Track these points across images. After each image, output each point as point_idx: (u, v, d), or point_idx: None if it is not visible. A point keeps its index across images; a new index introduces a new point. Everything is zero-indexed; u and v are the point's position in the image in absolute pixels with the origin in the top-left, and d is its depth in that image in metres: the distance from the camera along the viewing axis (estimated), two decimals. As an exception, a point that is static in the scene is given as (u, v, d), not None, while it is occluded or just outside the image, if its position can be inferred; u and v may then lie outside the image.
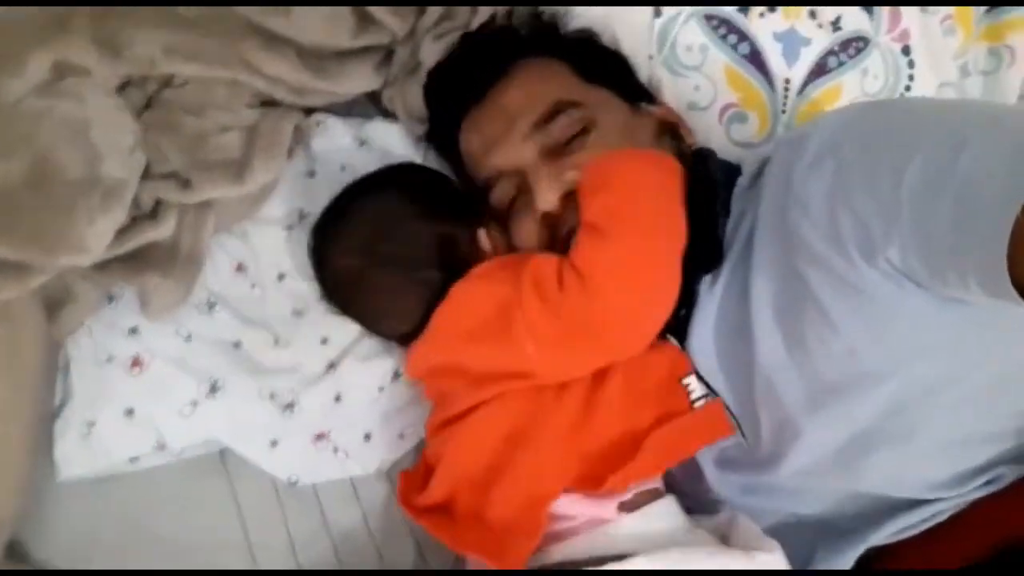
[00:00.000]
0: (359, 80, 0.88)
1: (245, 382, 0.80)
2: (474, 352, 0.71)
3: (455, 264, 0.74)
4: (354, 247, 0.75)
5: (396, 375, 0.85)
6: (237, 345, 0.81)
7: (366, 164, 0.85)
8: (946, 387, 0.62)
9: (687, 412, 0.70)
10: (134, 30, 0.78)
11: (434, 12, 0.84)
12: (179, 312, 0.78)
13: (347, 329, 0.83)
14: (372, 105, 0.93)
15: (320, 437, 0.83)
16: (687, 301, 0.72)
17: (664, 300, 0.69)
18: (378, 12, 0.82)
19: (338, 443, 0.84)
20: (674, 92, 0.91)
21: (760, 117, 0.92)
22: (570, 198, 0.71)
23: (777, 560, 0.65)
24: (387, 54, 0.89)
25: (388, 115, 0.91)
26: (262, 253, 0.83)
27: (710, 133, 0.91)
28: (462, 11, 0.86)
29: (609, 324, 0.67)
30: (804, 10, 0.89)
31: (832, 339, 0.62)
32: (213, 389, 0.79)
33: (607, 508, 0.67)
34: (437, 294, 0.73)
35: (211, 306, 0.81)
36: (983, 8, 0.93)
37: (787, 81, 0.90)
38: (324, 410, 0.83)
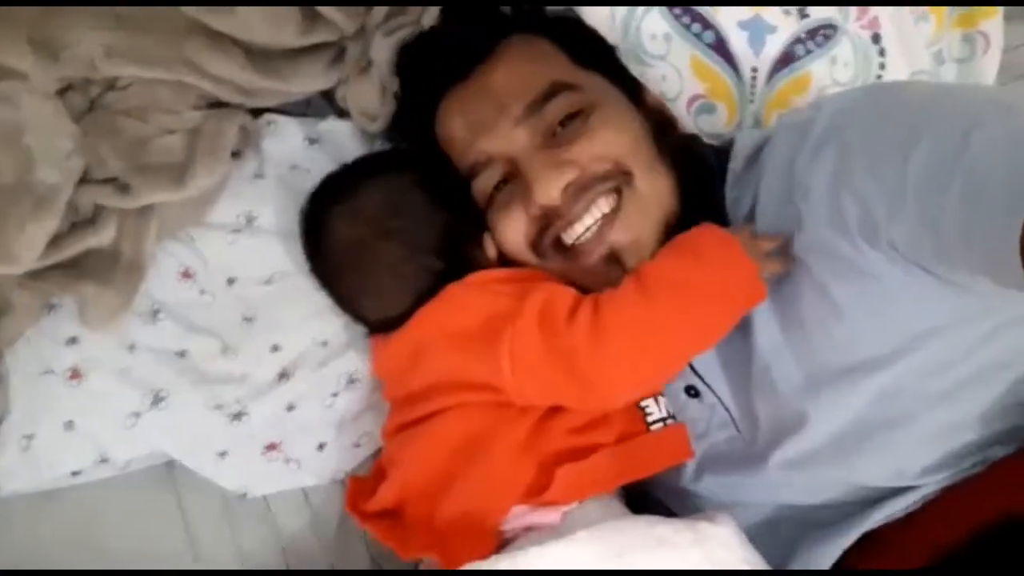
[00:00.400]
0: (310, 79, 0.85)
1: (191, 393, 0.78)
2: (450, 357, 0.69)
3: (457, 259, 0.72)
4: (363, 216, 0.72)
5: (351, 381, 0.82)
6: (183, 354, 0.79)
7: (317, 163, 0.83)
8: (944, 371, 0.61)
9: (643, 434, 0.68)
10: (73, 31, 0.75)
11: (382, 8, 0.82)
12: (121, 321, 0.76)
13: (299, 336, 0.81)
14: (328, 104, 0.90)
15: (271, 447, 0.81)
16: None
17: (656, 384, 0.70)
18: (325, 10, 0.79)
19: (290, 453, 0.81)
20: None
21: (728, 107, 0.90)
22: (570, 190, 0.67)
23: (727, 533, 0.63)
24: (340, 52, 0.86)
25: (343, 114, 0.88)
26: (210, 258, 0.81)
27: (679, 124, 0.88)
28: (413, 8, 0.83)
29: (600, 378, 0.64)
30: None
31: (834, 324, 0.61)
32: (156, 400, 0.77)
33: (552, 517, 0.64)
34: (431, 285, 0.71)
35: (155, 314, 0.78)
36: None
37: (754, 70, 0.88)
38: (275, 420, 0.81)
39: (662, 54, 0.88)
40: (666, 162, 0.70)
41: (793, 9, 0.86)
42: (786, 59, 0.87)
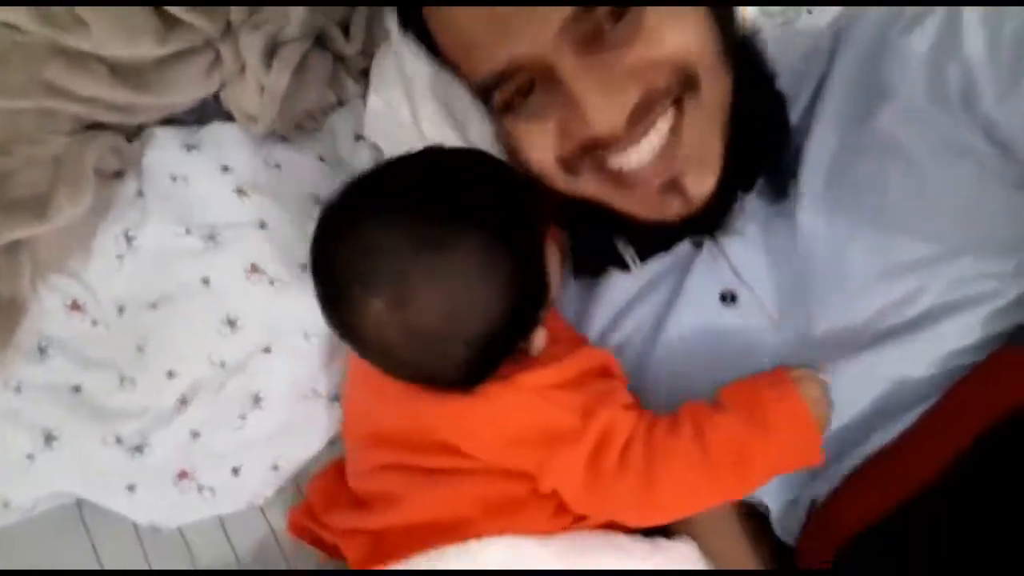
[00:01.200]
0: (187, 88, 0.80)
1: (85, 428, 0.75)
2: (496, 447, 0.64)
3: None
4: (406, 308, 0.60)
5: (256, 400, 0.78)
6: (77, 389, 0.76)
7: (197, 170, 0.79)
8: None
9: None
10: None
11: (242, 8, 0.76)
12: (4, 362, 0.73)
13: (193, 359, 0.77)
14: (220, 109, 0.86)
15: (183, 476, 0.78)
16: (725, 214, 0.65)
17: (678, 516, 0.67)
18: (179, 12, 0.75)
19: (203, 481, 0.78)
20: None
21: None
22: (634, 118, 0.54)
23: (687, 552, 0.65)
24: (217, 55, 0.82)
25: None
26: (99, 288, 0.78)
27: None
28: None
29: (642, 518, 0.65)
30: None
31: (923, 208, 0.57)
32: (48, 440, 0.74)
33: None
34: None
35: (43, 351, 0.76)
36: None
37: None
38: (181, 448, 0.77)
39: None
40: (729, 60, 0.59)
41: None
42: None
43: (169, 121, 0.84)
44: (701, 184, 0.59)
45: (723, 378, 0.64)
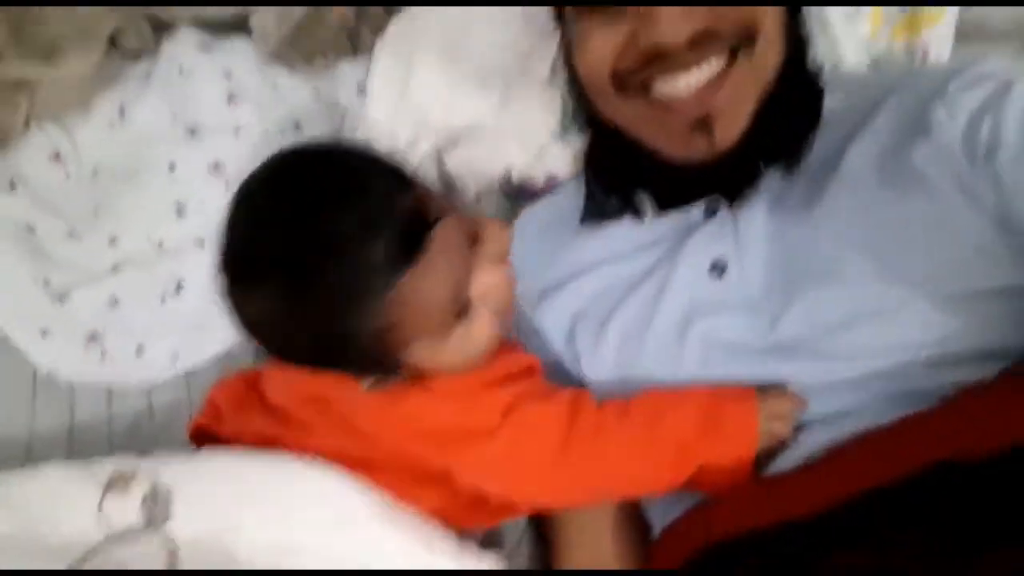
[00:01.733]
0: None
1: (23, 264, 0.80)
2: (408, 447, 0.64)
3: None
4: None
5: (179, 287, 0.82)
6: (31, 229, 0.82)
7: (203, 68, 0.85)
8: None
9: None
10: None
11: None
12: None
13: (136, 231, 0.82)
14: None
15: (93, 338, 0.82)
16: (746, 180, 0.66)
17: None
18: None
19: (108, 348, 0.82)
20: None
21: (874, 18, 0.82)
22: (696, 41, 0.59)
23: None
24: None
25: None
26: (82, 146, 0.84)
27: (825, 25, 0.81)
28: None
29: (563, 494, 0.65)
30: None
31: (937, 236, 0.59)
32: (-15, 261, 0.79)
33: None
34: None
35: (12, 186, 0.82)
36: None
37: None
38: (99, 312, 0.81)
39: None
40: (784, 41, 0.64)
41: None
42: None
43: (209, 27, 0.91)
44: (729, 130, 0.62)
45: (686, 351, 0.66)
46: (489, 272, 0.59)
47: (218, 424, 0.69)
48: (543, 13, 0.73)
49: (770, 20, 0.62)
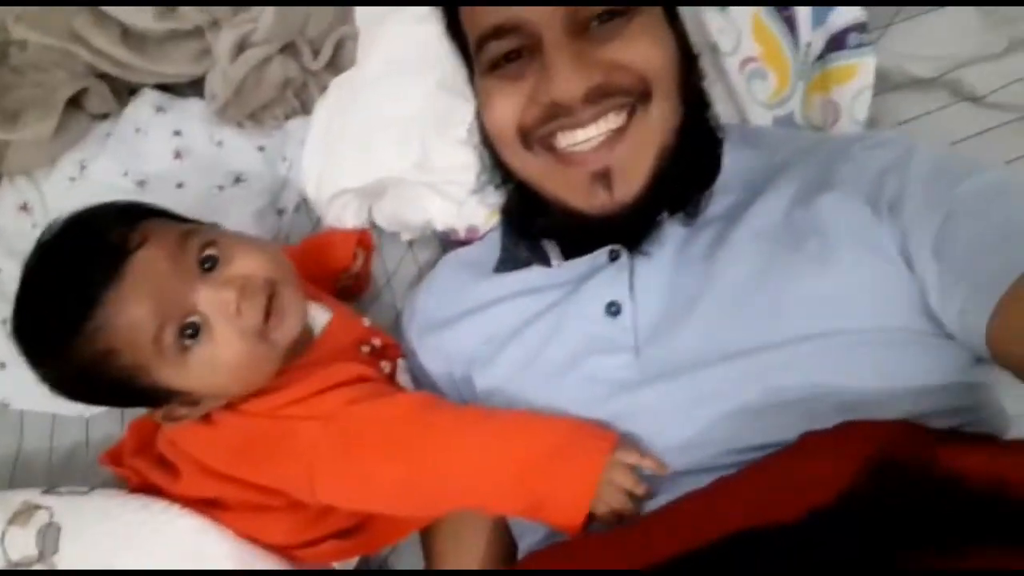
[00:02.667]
0: (177, 63, 0.96)
1: (-12, 304, 0.88)
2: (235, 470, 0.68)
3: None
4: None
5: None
6: (-2, 272, 0.91)
7: (155, 128, 0.94)
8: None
9: None
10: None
11: (226, 8, 0.90)
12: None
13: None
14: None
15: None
16: (646, 230, 0.69)
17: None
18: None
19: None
20: (694, 26, 0.78)
21: (780, 77, 0.82)
22: (590, 94, 0.62)
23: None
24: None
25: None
26: (49, 198, 0.93)
27: (731, 82, 0.83)
28: (254, 8, 0.91)
29: (392, 501, 0.68)
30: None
31: (814, 276, 0.62)
32: (-51, 301, 0.88)
33: None
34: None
35: (-16, 232, 0.91)
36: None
37: (808, 45, 0.80)
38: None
39: (724, 5, 0.82)
40: (682, 98, 0.67)
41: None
42: (837, 44, 0.80)
43: (167, 89, 0.99)
44: (628, 184, 0.65)
45: (568, 384, 0.68)
46: (216, 291, 0.62)
47: (120, 460, 0.75)
48: (460, 77, 0.77)
49: (666, 78, 0.64)
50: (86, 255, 0.61)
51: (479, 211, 0.87)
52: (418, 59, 0.88)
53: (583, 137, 0.64)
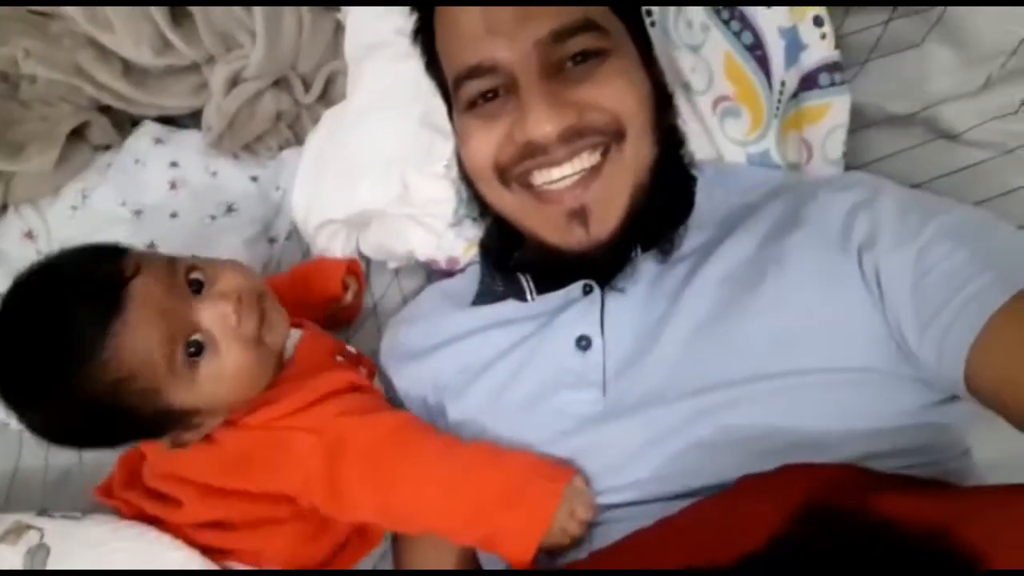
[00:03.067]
0: (177, 97, 0.99)
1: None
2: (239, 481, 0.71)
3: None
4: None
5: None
6: (2, 297, 0.94)
7: (153, 159, 0.97)
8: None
9: None
10: (4, 35, 0.97)
11: (220, 44, 0.94)
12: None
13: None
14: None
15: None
16: (620, 266, 0.70)
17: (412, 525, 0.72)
18: (170, 35, 0.93)
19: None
20: (666, 64, 0.79)
21: (753, 115, 0.82)
22: (564, 134, 0.63)
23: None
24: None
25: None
26: (53, 226, 0.97)
27: (704, 121, 0.84)
28: (247, 45, 0.94)
29: (376, 516, 0.70)
30: (810, 12, 0.78)
31: (771, 314, 0.63)
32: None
33: None
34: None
35: (-8, 259, 0.95)
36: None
37: (783, 83, 0.81)
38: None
39: (696, 44, 0.82)
40: (656, 136, 0.68)
41: (830, 34, 0.78)
42: (810, 83, 0.80)
43: (169, 121, 1.03)
44: (604, 222, 0.66)
45: (536, 417, 0.70)
46: (214, 307, 0.66)
47: (111, 492, 0.77)
48: (441, 113, 0.79)
49: (639, 117, 0.66)
50: (82, 290, 0.63)
51: (458, 243, 0.89)
52: (402, 95, 0.91)
53: (559, 175, 0.65)
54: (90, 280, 0.63)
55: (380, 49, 0.92)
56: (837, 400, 0.61)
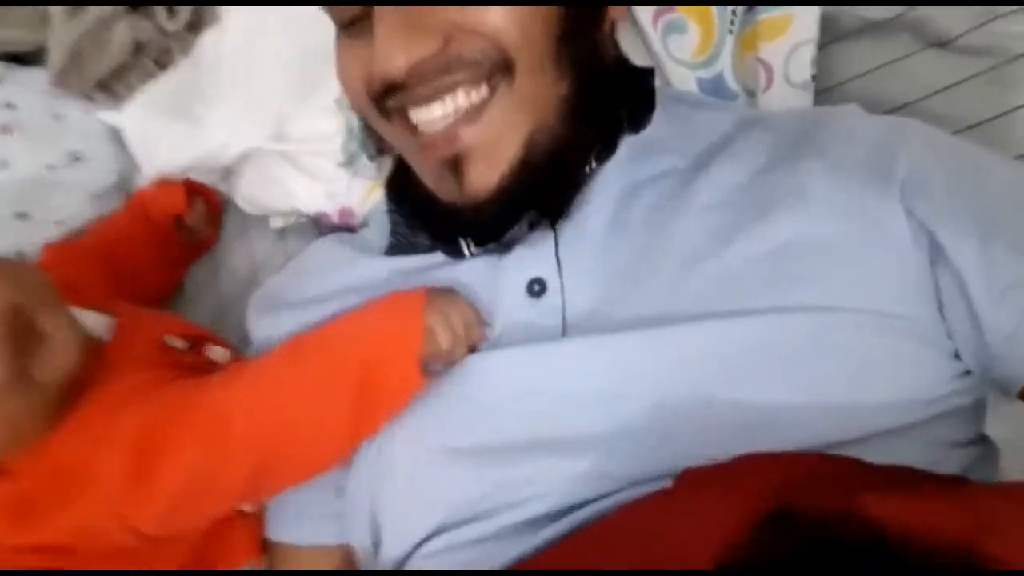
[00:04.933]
0: (15, 28, 0.82)
1: None
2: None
3: None
4: None
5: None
6: None
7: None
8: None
9: None
10: None
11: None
12: None
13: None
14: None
15: None
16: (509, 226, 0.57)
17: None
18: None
19: None
20: None
21: (704, 32, 0.68)
22: (423, 67, 0.51)
23: None
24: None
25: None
26: None
27: (646, 38, 0.69)
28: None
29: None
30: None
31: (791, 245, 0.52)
32: None
33: None
34: None
35: None
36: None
37: None
38: None
39: None
40: (564, 68, 0.54)
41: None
42: None
43: (15, 59, 0.86)
44: (482, 178, 0.53)
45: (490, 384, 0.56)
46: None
47: None
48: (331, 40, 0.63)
49: (532, 44, 0.51)
50: None
51: (353, 191, 0.73)
52: (286, 19, 0.74)
53: (427, 114, 0.52)
54: None
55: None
56: (858, 350, 0.49)
